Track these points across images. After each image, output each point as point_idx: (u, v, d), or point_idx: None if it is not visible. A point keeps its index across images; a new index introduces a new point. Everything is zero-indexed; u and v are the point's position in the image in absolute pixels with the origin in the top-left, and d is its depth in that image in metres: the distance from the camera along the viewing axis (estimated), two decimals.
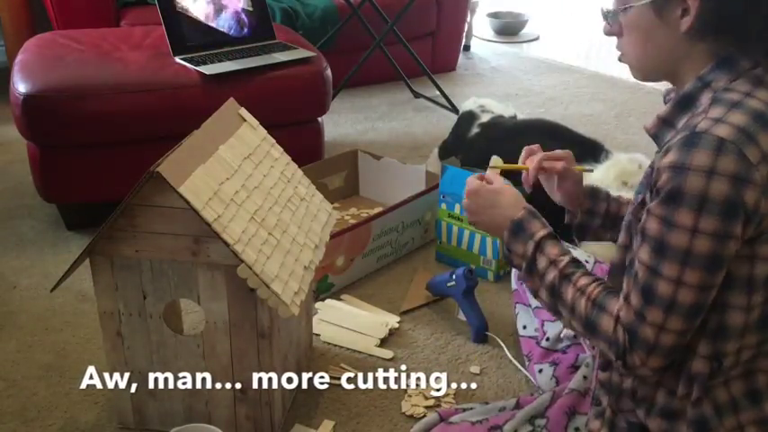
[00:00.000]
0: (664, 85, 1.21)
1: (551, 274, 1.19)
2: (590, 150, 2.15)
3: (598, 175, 2.02)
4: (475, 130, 2.46)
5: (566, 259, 1.20)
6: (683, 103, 1.11)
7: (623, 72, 4.02)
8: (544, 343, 1.60)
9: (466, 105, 2.61)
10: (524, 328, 1.68)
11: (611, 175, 1.98)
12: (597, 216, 1.43)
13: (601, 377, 1.23)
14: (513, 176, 1.49)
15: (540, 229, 1.24)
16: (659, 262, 1.04)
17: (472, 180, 1.36)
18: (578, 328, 1.17)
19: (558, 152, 1.43)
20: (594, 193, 1.44)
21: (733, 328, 1.08)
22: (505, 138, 2.34)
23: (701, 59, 1.10)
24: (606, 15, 1.17)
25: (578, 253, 1.66)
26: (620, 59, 1.20)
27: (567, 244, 1.59)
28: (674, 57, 1.12)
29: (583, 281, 1.17)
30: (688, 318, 1.05)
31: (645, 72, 1.18)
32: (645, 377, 1.13)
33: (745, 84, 1.06)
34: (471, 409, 1.45)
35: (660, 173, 1.03)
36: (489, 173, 1.39)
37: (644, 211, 1.09)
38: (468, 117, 2.53)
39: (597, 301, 1.13)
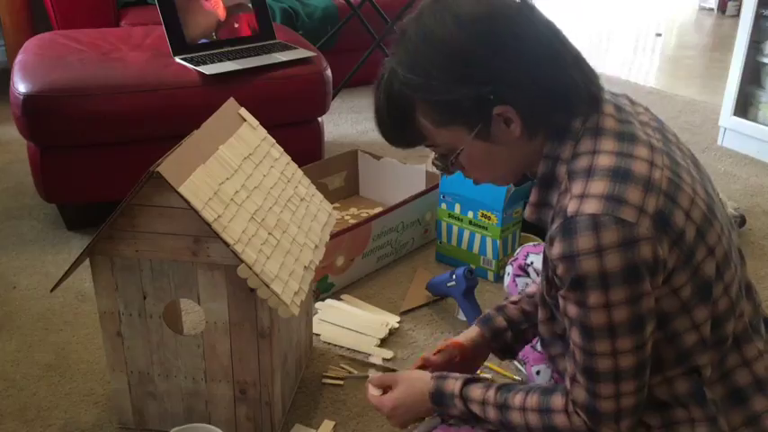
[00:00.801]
0: (664, 85, 1.20)
1: (491, 413, 1.20)
2: None
3: None
4: None
5: (492, 393, 1.20)
6: (545, 184, 1.11)
7: (623, 72, 4.03)
8: (539, 346, 1.60)
9: None
10: None
11: None
12: (504, 333, 1.43)
13: None
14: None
15: (454, 385, 1.24)
16: (590, 342, 1.05)
17: (382, 401, 1.33)
18: None
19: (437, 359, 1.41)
20: (492, 331, 1.43)
21: (694, 346, 1.09)
22: None
23: (541, 144, 1.10)
24: (442, 165, 1.17)
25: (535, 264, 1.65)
26: (476, 183, 1.20)
27: (530, 282, 1.60)
28: (522, 159, 1.13)
29: (518, 400, 1.17)
30: (637, 377, 1.06)
31: (506, 181, 1.19)
32: None
33: (587, 141, 1.06)
34: None
35: (555, 264, 1.04)
36: (371, 389, 1.36)
37: (554, 291, 1.11)
38: None
39: (542, 408, 1.14)
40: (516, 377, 1.71)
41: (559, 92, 1.06)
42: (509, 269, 1.67)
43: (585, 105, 1.08)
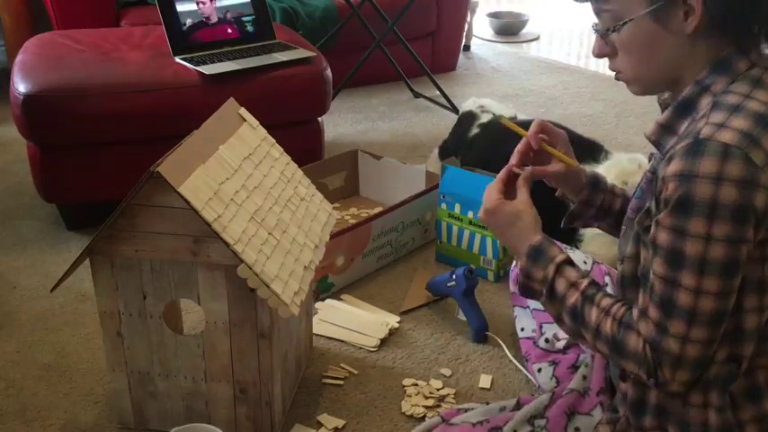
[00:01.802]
0: None
1: (572, 297, 1.17)
2: (589, 150, 2.15)
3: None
4: (475, 130, 2.46)
5: (586, 281, 1.18)
6: (683, 109, 1.10)
7: None
8: (542, 344, 1.60)
9: (466, 106, 2.61)
10: (522, 330, 1.68)
11: (612, 175, 1.98)
12: (593, 207, 1.40)
13: (622, 388, 1.22)
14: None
15: (558, 254, 1.21)
16: (676, 273, 1.03)
17: (492, 194, 1.29)
18: (604, 350, 1.14)
19: (556, 130, 1.37)
20: (594, 184, 1.40)
21: (749, 331, 1.08)
22: (506, 138, 2.34)
23: (700, 63, 1.08)
24: (602, 32, 1.13)
25: (577, 254, 1.66)
26: (617, 78, 1.17)
27: (565, 246, 1.58)
28: (676, 63, 1.10)
29: (606, 301, 1.14)
30: (711, 326, 1.04)
31: (646, 85, 1.16)
32: (675, 393, 1.11)
33: (744, 85, 1.05)
34: (472, 409, 1.45)
35: (666, 182, 1.02)
36: (520, 180, 1.30)
37: (650, 220, 1.08)
38: (469, 117, 2.53)
39: (623, 320, 1.11)
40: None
41: (750, 21, 1.05)
42: (513, 267, 1.68)
43: (758, 53, 1.07)
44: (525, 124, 1.40)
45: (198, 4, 2.37)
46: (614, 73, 1.17)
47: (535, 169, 1.34)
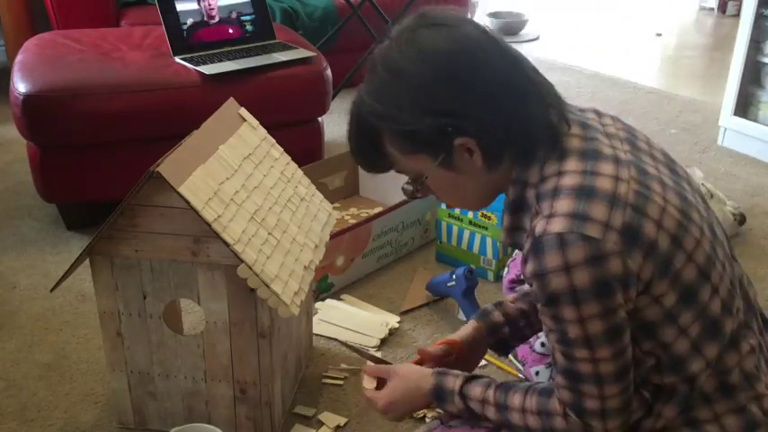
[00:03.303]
0: (664, 85, 1.21)
1: (490, 412, 1.20)
2: None
3: None
4: None
5: (492, 392, 1.21)
6: (516, 208, 1.14)
7: (623, 72, 4.03)
8: (538, 347, 1.60)
9: None
10: None
11: None
12: (501, 328, 1.43)
13: None
14: None
15: (454, 382, 1.24)
16: (569, 349, 1.07)
17: (376, 397, 1.31)
18: None
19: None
20: (487, 324, 1.43)
21: (687, 353, 1.10)
22: None
23: (509, 170, 1.13)
24: (411, 191, 1.21)
25: None
26: (447, 207, 1.22)
27: None
28: (488, 186, 1.17)
29: (517, 400, 1.18)
30: (619, 380, 1.08)
31: (477, 206, 1.23)
32: None
33: (552, 164, 1.09)
34: None
35: (530, 282, 1.07)
36: (365, 380, 1.34)
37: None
38: None
39: (540, 410, 1.15)
40: (519, 375, 1.70)
41: (518, 124, 1.09)
42: (505, 275, 1.68)
43: (546, 133, 1.11)
44: None
45: (199, 2, 2.37)
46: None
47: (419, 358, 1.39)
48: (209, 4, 2.39)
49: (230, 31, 2.43)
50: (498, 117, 1.08)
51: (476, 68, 1.07)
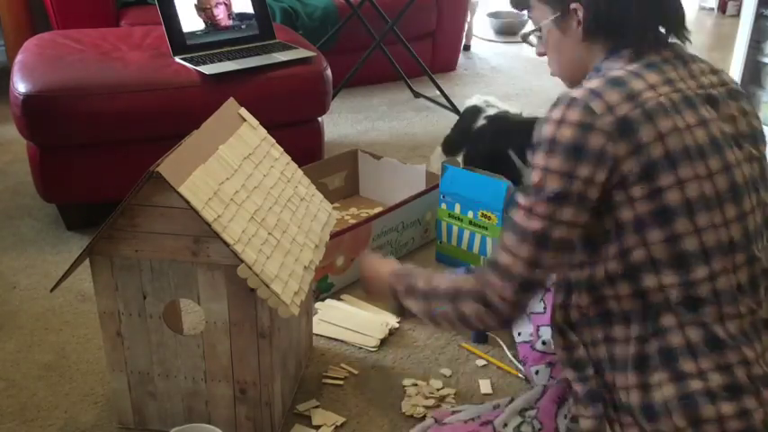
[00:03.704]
0: None
1: (416, 295, 1.34)
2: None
3: None
4: (481, 121, 2.46)
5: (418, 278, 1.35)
6: None
7: None
8: (539, 346, 1.60)
9: (470, 101, 2.60)
10: (519, 334, 1.68)
11: None
12: None
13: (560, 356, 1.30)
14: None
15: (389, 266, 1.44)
16: (521, 198, 1.18)
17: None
18: (447, 309, 1.27)
19: None
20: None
21: (642, 264, 1.14)
22: (513, 130, 2.34)
23: (598, 59, 1.25)
24: (524, 37, 1.35)
25: None
26: (552, 74, 1.35)
27: None
28: (580, 62, 1.27)
29: (443, 277, 1.31)
30: (536, 247, 1.15)
31: (566, 80, 1.33)
32: (507, 318, 1.22)
33: (620, 62, 1.20)
34: (465, 410, 1.46)
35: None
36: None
37: None
38: (474, 111, 2.53)
39: (458, 277, 1.27)
40: (520, 375, 1.71)
41: (622, 16, 1.20)
42: None
43: (640, 39, 1.21)
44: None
45: (205, 10, 2.37)
46: None
47: None
48: (216, 15, 2.40)
49: (230, 31, 2.43)
50: (614, 3, 1.19)
51: None
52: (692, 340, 1.14)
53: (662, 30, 1.23)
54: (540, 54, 1.34)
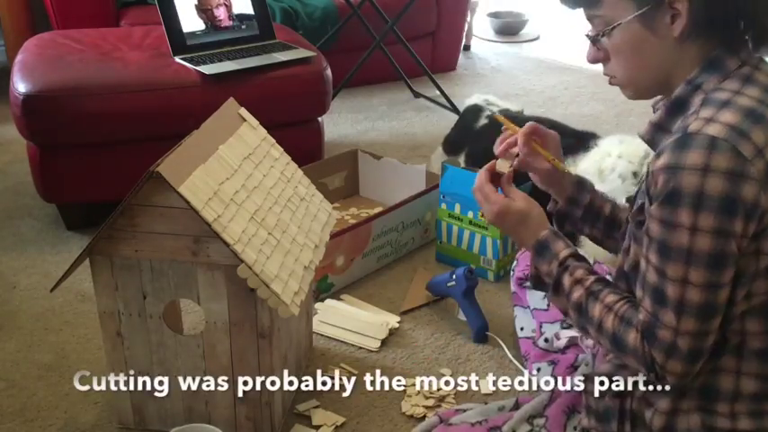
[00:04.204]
0: None
1: (577, 293, 1.17)
2: (584, 140, 2.20)
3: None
4: (483, 121, 2.45)
5: (592, 278, 1.18)
6: (675, 108, 1.10)
7: None
8: (541, 343, 1.60)
9: (471, 100, 2.60)
10: (522, 329, 1.68)
11: (616, 151, 2.06)
12: (579, 207, 1.40)
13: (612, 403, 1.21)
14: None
15: (563, 249, 1.22)
16: (664, 264, 1.04)
17: (490, 193, 1.28)
18: (606, 345, 1.15)
19: (548, 131, 1.37)
20: (580, 183, 1.41)
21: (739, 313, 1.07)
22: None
23: (690, 64, 1.10)
24: (594, 40, 1.15)
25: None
26: (611, 83, 1.18)
27: None
28: (666, 66, 1.11)
29: (610, 298, 1.14)
30: (700, 318, 1.03)
31: (639, 89, 1.17)
32: (673, 386, 1.11)
33: (734, 83, 1.06)
34: (470, 409, 1.45)
35: (655, 176, 1.03)
36: (504, 181, 1.31)
37: (643, 216, 1.09)
38: (475, 110, 2.52)
39: (625, 317, 1.11)
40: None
41: (736, 22, 1.06)
42: (514, 266, 1.68)
43: (747, 52, 1.08)
44: (534, 119, 1.42)
45: (206, 11, 2.37)
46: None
47: (521, 161, 1.35)
48: (217, 16, 2.40)
49: (230, 31, 2.43)
50: (729, 2, 1.05)
51: None
52: None
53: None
54: (596, 61, 1.16)
